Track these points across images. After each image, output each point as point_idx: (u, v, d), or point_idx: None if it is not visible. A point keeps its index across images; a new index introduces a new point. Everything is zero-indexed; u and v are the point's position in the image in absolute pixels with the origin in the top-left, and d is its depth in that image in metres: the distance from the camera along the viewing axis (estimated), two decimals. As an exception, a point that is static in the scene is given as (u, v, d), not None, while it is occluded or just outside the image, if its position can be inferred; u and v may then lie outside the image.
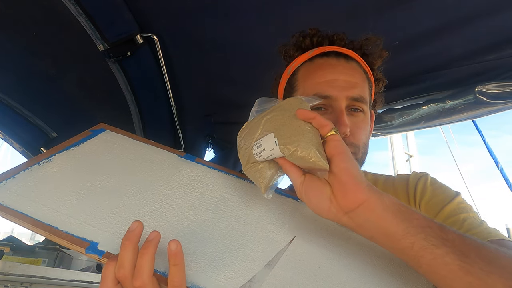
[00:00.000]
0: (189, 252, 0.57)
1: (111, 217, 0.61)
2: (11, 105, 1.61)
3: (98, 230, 0.58)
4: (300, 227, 0.66)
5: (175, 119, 1.67)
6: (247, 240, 0.61)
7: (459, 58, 1.19)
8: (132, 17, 1.30)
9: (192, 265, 0.55)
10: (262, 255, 0.59)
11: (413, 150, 8.64)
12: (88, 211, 0.61)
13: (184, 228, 0.61)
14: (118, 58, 1.38)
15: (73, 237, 0.56)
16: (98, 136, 0.81)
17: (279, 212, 0.69)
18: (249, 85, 1.44)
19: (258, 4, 1.18)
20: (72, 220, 0.59)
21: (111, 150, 0.77)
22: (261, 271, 0.56)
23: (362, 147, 0.80)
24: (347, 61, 0.84)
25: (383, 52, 0.90)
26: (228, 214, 0.66)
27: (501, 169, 3.24)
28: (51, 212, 0.60)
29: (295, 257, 0.60)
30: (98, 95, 1.62)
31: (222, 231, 0.62)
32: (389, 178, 0.89)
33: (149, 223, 0.61)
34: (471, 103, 1.17)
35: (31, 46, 1.40)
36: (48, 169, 0.69)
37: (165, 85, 1.52)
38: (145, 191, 0.67)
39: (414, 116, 1.31)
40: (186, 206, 0.66)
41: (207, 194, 0.70)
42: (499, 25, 1.07)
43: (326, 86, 0.80)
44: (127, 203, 0.64)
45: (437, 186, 0.79)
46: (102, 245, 0.56)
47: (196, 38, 1.35)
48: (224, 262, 0.56)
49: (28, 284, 1.52)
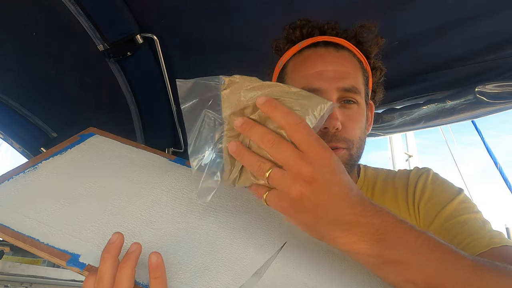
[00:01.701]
0: (174, 262, 0.55)
1: (94, 227, 0.58)
2: (11, 105, 1.61)
3: (81, 241, 0.56)
4: (291, 232, 0.64)
5: (175, 119, 1.67)
6: (235, 248, 0.59)
7: (459, 58, 1.19)
8: (132, 17, 1.30)
9: (177, 276, 0.53)
10: (250, 264, 0.57)
11: (413, 150, 8.64)
12: (71, 221, 0.59)
13: (170, 236, 0.59)
14: (118, 58, 1.38)
15: (54, 249, 0.54)
16: (86, 141, 0.79)
17: (269, 216, 0.66)
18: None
19: (258, 4, 1.18)
20: (54, 231, 0.57)
21: (99, 155, 0.75)
22: (248, 281, 0.54)
23: (356, 142, 0.77)
24: (338, 50, 0.79)
25: (378, 38, 0.85)
26: (217, 220, 0.64)
27: (500, 169, 3.25)
28: (33, 224, 0.58)
29: (285, 264, 0.58)
30: (98, 95, 1.62)
31: (210, 239, 0.60)
32: (390, 174, 0.86)
33: (133, 232, 0.59)
34: (471, 103, 1.18)
35: (31, 46, 1.40)
36: (33, 178, 0.66)
37: (165, 85, 1.52)
38: (132, 198, 0.65)
39: (414, 116, 1.31)
40: (174, 213, 0.64)
41: (195, 199, 0.67)
42: (499, 25, 1.08)
43: (314, 78, 0.76)
44: (112, 212, 0.62)
45: (438, 183, 0.77)
46: (84, 258, 0.53)
47: (196, 38, 1.35)
48: (210, 272, 0.54)
49: (28, 284, 1.52)
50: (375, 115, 1.42)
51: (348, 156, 0.75)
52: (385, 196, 0.79)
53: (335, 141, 0.74)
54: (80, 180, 0.67)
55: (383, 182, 0.83)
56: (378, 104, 0.93)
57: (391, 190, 0.80)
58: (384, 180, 0.84)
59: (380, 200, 0.78)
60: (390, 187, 0.81)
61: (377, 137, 1.48)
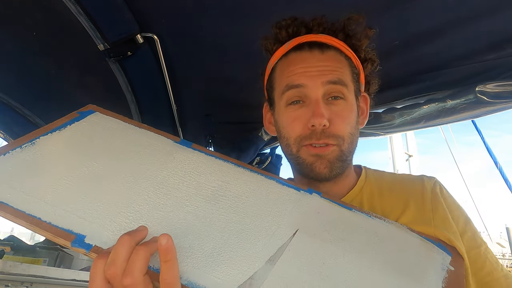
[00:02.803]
0: (185, 246, 0.53)
1: (100, 207, 0.56)
2: (11, 104, 1.61)
3: (85, 222, 0.53)
4: (303, 220, 0.63)
5: (175, 119, 1.67)
6: (247, 234, 0.58)
7: (460, 57, 1.19)
8: (132, 16, 1.30)
9: (188, 261, 0.51)
10: (263, 250, 0.56)
11: (413, 150, 8.65)
12: (74, 201, 0.56)
13: (179, 220, 0.57)
14: (119, 58, 1.38)
15: (58, 229, 0.52)
16: (86, 118, 0.75)
17: (280, 203, 0.66)
18: (250, 85, 1.44)
19: (259, 4, 1.18)
20: (57, 210, 0.54)
21: (100, 134, 0.71)
22: (262, 268, 0.53)
23: (347, 137, 0.76)
24: (322, 52, 0.78)
25: (367, 30, 0.84)
26: (227, 205, 0.62)
27: (500, 169, 3.24)
28: (34, 201, 0.55)
29: (298, 252, 0.57)
30: (98, 95, 1.62)
31: (221, 224, 0.58)
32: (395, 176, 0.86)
33: (141, 213, 0.57)
34: (471, 102, 1.17)
35: (31, 46, 1.40)
36: (31, 154, 0.63)
37: (165, 85, 1.52)
38: (138, 179, 0.63)
39: (415, 115, 1.31)
40: (182, 196, 0.61)
41: (204, 183, 0.66)
42: (499, 24, 1.08)
43: (297, 76, 0.76)
44: (117, 192, 0.59)
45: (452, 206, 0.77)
46: (89, 238, 0.51)
47: (196, 38, 1.34)
48: (223, 257, 0.53)
49: (28, 283, 1.52)
50: (375, 115, 1.42)
51: (338, 153, 0.75)
52: (395, 199, 0.78)
53: (324, 138, 0.74)
54: (81, 159, 0.64)
55: (389, 184, 0.82)
56: (373, 96, 0.91)
57: (399, 194, 0.78)
58: (390, 182, 0.83)
59: (390, 202, 0.77)
60: (398, 190, 0.80)
61: (377, 136, 1.48)
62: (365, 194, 0.81)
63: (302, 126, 0.75)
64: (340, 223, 0.65)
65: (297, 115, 0.76)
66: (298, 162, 0.78)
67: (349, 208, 0.70)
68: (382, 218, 0.68)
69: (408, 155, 8.85)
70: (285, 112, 0.79)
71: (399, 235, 0.65)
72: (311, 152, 0.75)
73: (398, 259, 0.60)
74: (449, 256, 0.63)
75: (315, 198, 0.70)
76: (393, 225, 0.67)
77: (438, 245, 0.65)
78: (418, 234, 0.66)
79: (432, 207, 0.75)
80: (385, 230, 0.66)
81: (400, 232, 0.66)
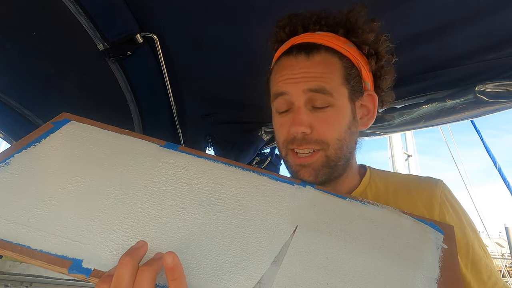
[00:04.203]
0: (188, 258, 0.51)
1: (92, 227, 0.52)
2: (11, 105, 1.61)
3: (80, 244, 0.50)
4: (301, 215, 0.63)
5: (175, 119, 1.67)
6: (248, 236, 0.57)
7: (459, 57, 1.19)
8: (132, 16, 1.30)
9: (194, 273, 0.50)
10: (267, 251, 0.55)
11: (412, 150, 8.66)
12: (64, 222, 0.52)
13: (178, 230, 0.55)
14: (118, 58, 1.38)
15: (51, 256, 0.48)
16: (62, 129, 0.70)
17: (276, 200, 0.65)
18: (249, 84, 1.44)
19: (259, 4, 1.18)
20: (47, 236, 0.50)
21: (80, 144, 0.67)
22: (269, 270, 0.53)
23: (333, 143, 0.74)
24: (308, 57, 0.75)
25: (371, 24, 0.81)
26: (224, 208, 0.61)
27: (499, 169, 3.25)
28: (19, 228, 0.50)
29: (301, 249, 0.57)
30: (98, 95, 1.61)
31: (221, 229, 0.57)
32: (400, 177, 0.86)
33: (137, 228, 0.54)
34: (471, 102, 1.17)
35: (31, 46, 1.40)
36: (7, 175, 0.58)
37: (165, 85, 1.52)
38: (127, 191, 0.60)
39: (414, 115, 1.31)
40: (177, 204, 0.59)
41: (197, 187, 0.64)
42: (499, 24, 1.08)
43: (281, 84, 0.77)
44: (108, 207, 0.56)
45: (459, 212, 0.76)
46: (87, 262, 0.48)
47: (196, 37, 1.35)
48: (229, 264, 0.52)
49: (28, 283, 1.52)
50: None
51: (323, 158, 0.74)
52: (401, 200, 0.77)
53: (305, 144, 0.73)
54: (63, 175, 0.60)
55: (396, 185, 0.81)
56: (385, 92, 0.87)
57: (406, 195, 0.78)
58: (397, 182, 0.82)
59: (396, 202, 0.76)
60: (405, 191, 0.79)
61: (376, 136, 1.48)
62: (370, 194, 0.80)
63: (286, 132, 0.76)
64: (337, 214, 0.65)
65: (283, 122, 0.78)
66: (287, 166, 0.80)
67: (343, 197, 0.70)
68: (375, 204, 0.69)
69: (407, 155, 8.87)
70: (275, 118, 0.81)
71: (393, 219, 0.67)
72: (296, 161, 0.76)
73: (395, 243, 0.61)
74: (441, 235, 0.64)
75: (309, 190, 0.70)
76: (386, 209, 0.68)
77: (430, 225, 0.66)
78: (410, 215, 0.68)
79: (439, 212, 0.74)
80: (380, 216, 0.67)
81: (394, 215, 0.67)
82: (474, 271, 0.70)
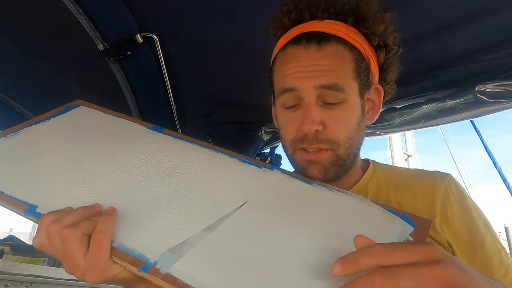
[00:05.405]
0: (127, 215, 0.57)
1: (59, 183, 0.62)
2: (10, 104, 1.61)
3: (42, 195, 0.60)
4: (254, 194, 0.63)
5: (175, 119, 1.67)
6: (192, 205, 0.59)
7: (459, 57, 1.19)
8: (132, 16, 1.30)
9: (126, 227, 0.55)
10: (204, 219, 0.57)
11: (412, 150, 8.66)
12: (38, 178, 0.63)
13: (129, 193, 0.61)
14: (118, 58, 1.38)
15: (15, 200, 0.59)
16: (70, 111, 0.82)
17: (236, 178, 0.66)
18: (249, 84, 1.44)
19: (259, 3, 1.18)
20: (21, 186, 0.61)
21: (80, 124, 0.78)
22: (198, 234, 0.54)
23: (344, 142, 0.71)
24: (319, 47, 0.71)
25: (382, 14, 0.76)
26: (180, 180, 0.64)
27: (499, 169, 3.25)
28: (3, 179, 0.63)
29: (239, 221, 0.57)
30: (98, 95, 1.62)
31: (169, 196, 0.61)
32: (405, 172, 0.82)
33: (95, 188, 0.62)
34: (471, 102, 1.17)
35: (31, 46, 1.40)
36: (14, 141, 0.71)
37: (165, 85, 1.52)
38: (102, 161, 0.68)
39: (414, 115, 1.31)
40: (139, 174, 0.65)
41: (164, 162, 0.69)
42: (499, 24, 1.08)
43: (290, 78, 0.72)
44: (79, 171, 0.65)
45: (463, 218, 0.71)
46: (41, 208, 0.57)
47: (196, 37, 1.34)
48: (162, 225, 0.56)
49: (28, 283, 1.52)
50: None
51: (334, 157, 0.72)
52: (402, 194, 0.75)
53: (316, 143, 0.70)
54: (55, 144, 0.71)
55: (398, 179, 0.78)
56: (391, 84, 0.85)
57: (407, 190, 0.75)
58: (399, 176, 0.79)
59: (397, 197, 0.74)
60: (406, 185, 0.76)
61: (376, 136, 1.48)
62: (371, 188, 0.78)
63: (295, 129, 0.73)
64: (295, 197, 0.64)
65: (291, 118, 0.74)
66: (293, 164, 0.77)
67: (309, 182, 0.68)
68: (344, 192, 0.66)
69: (407, 155, 8.87)
70: (281, 113, 0.77)
71: (359, 207, 0.63)
72: (304, 158, 0.72)
73: (350, 230, 0.57)
74: (412, 227, 0.59)
75: (275, 173, 0.70)
76: (355, 198, 0.65)
77: (403, 217, 0.61)
78: (382, 206, 0.63)
79: (441, 207, 0.71)
80: (344, 203, 0.64)
81: (361, 204, 0.64)
82: (483, 269, 0.65)
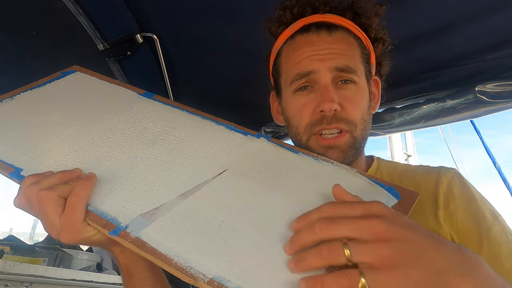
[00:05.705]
0: (106, 179, 0.57)
1: (45, 147, 0.63)
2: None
3: (28, 159, 0.61)
4: (236, 161, 0.62)
5: (175, 119, 1.67)
6: (171, 172, 0.59)
7: (459, 57, 1.19)
8: (132, 16, 1.30)
9: (103, 192, 0.55)
10: (181, 186, 0.56)
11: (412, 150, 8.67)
12: (27, 142, 0.64)
13: (111, 158, 0.62)
14: (118, 58, 1.38)
15: (2, 162, 0.60)
16: (66, 77, 0.82)
17: (219, 146, 0.65)
18: (249, 84, 1.44)
19: (259, 3, 1.18)
20: (9, 149, 0.62)
21: (73, 89, 0.78)
22: (172, 200, 0.54)
23: (359, 123, 0.73)
24: (330, 33, 0.75)
25: (377, 7, 0.80)
26: (163, 147, 0.64)
27: (499, 169, 3.25)
28: None
29: (216, 188, 0.56)
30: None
31: (150, 162, 0.61)
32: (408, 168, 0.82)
33: (79, 153, 0.62)
34: (471, 102, 1.17)
35: (31, 46, 1.40)
36: (8, 106, 0.72)
37: (165, 85, 1.52)
38: (89, 125, 0.68)
39: (414, 115, 1.30)
40: (123, 140, 0.66)
41: (150, 128, 0.69)
42: (499, 24, 1.08)
43: (306, 62, 0.73)
44: (66, 136, 0.66)
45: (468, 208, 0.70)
46: (25, 171, 0.58)
47: (196, 37, 1.35)
48: (137, 190, 0.56)
49: (28, 283, 1.52)
50: (375, 115, 1.42)
51: (351, 139, 0.72)
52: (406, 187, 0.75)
53: (335, 123, 0.70)
54: (46, 109, 0.72)
55: (401, 174, 0.78)
56: (384, 78, 0.87)
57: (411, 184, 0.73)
58: (403, 172, 0.79)
59: None
60: (409, 180, 0.75)
61: (377, 136, 1.48)
62: None
63: (311, 112, 0.72)
64: (278, 165, 0.62)
65: (306, 102, 0.73)
66: None
67: (295, 151, 0.66)
68: (330, 161, 0.64)
69: (407, 155, 8.87)
70: (293, 100, 0.76)
71: (344, 177, 0.60)
72: (322, 143, 0.71)
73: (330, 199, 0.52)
74: (395, 200, 0.56)
75: (261, 142, 0.67)
76: (340, 167, 0.63)
77: (388, 189, 0.58)
78: (369, 177, 0.60)
79: (444, 201, 0.70)
80: (329, 172, 0.61)
81: (347, 174, 0.61)
82: (490, 257, 0.63)
